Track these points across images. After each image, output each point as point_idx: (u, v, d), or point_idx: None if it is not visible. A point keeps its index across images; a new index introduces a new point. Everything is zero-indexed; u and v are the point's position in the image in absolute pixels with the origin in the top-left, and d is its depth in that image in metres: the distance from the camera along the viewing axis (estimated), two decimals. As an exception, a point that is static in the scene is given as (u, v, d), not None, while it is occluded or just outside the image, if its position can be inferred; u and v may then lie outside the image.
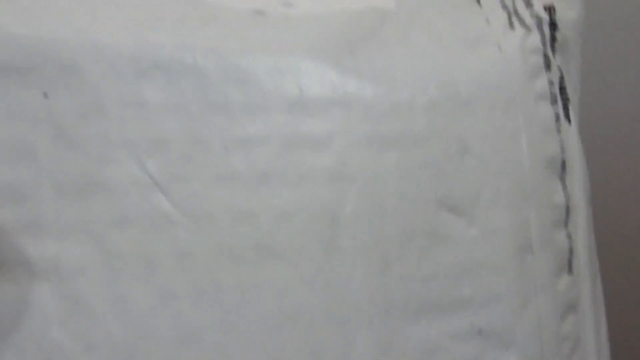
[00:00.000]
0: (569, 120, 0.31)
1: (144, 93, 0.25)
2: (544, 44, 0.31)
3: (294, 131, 0.27)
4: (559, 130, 0.31)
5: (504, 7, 0.31)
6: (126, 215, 0.25)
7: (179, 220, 0.25)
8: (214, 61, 0.26)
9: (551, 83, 0.31)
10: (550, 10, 0.31)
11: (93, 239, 0.25)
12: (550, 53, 0.31)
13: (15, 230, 0.24)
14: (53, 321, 0.24)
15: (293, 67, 0.27)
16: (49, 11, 0.26)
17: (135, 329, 0.25)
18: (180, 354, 0.25)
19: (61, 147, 0.25)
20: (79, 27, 0.26)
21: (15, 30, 0.25)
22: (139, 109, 0.25)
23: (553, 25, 0.31)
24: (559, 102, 0.31)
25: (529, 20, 0.31)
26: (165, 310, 0.25)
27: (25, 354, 0.24)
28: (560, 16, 0.32)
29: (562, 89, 0.31)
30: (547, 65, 0.31)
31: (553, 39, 0.31)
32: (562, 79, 0.31)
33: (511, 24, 0.31)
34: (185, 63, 0.26)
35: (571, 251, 0.31)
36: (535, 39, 0.31)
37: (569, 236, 0.31)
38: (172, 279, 0.25)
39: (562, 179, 0.31)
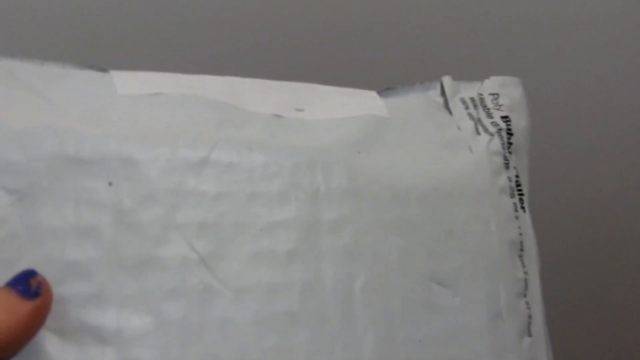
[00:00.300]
0: (524, 210, 0.38)
1: (194, 184, 0.30)
2: (503, 147, 0.38)
3: (316, 217, 0.32)
4: (517, 218, 0.37)
5: (471, 116, 0.38)
6: (178, 288, 0.29)
7: (222, 292, 0.29)
8: (248, 158, 0.31)
9: (510, 179, 0.38)
10: (506, 119, 0.39)
11: (150, 309, 0.28)
12: (508, 155, 0.38)
13: (81, 301, 0.27)
14: (116, 383, 0.27)
15: (315, 163, 0.32)
16: (113, 116, 0.30)
17: None
18: None
19: (122, 229, 0.28)
20: (137, 128, 0.30)
21: (83, 130, 0.29)
22: (189, 197, 0.30)
23: (509, 132, 0.39)
24: (516, 195, 0.38)
25: (491, 128, 0.38)
26: None
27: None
28: (514, 124, 0.39)
29: (518, 184, 0.38)
30: (506, 165, 0.38)
31: (509, 143, 0.38)
32: (517, 176, 0.38)
33: (477, 131, 0.38)
34: (226, 159, 0.31)
35: (530, 317, 0.37)
36: (497, 143, 0.38)
37: (528, 304, 0.37)
38: (217, 344, 0.29)
39: (521, 257, 0.37)
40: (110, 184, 0.29)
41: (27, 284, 0.26)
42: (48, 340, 0.27)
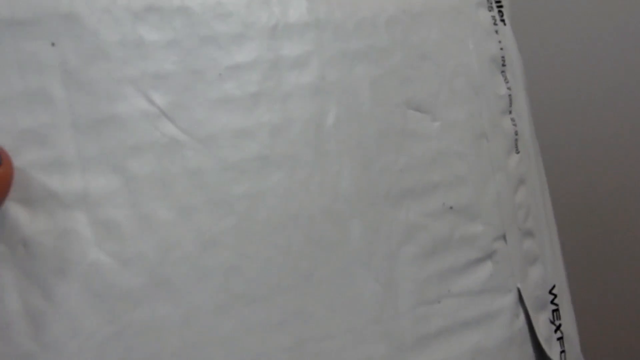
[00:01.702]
0: (504, 22, 0.36)
1: (140, 33, 0.28)
2: (478, -44, 0.35)
3: (276, 55, 0.30)
4: (497, 32, 0.35)
5: None
6: (140, 143, 0.28)
7: (187, 143, 0.29)
8: (198, 0, 0.29)
9: (488, -8, 0.35)
10: None
11: (113, 168, 0.28)
12: (484, -34, 0.35)
13: (41, 169, 0.27)
14: (90, 245, 0.27)
15: None
16: None
17: (161, 242, 0.28)
18: (203, 258, 0.28)
19: (73, 89, 0.27)
20: None
21: None
22: (137, 48, 0.28)
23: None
24: (495, 8, 0.35)
25: None
26: (185, 222, 0.28)
27: (69, 277, 0.27)
28: None
29: (497, -4, 0.36)
30: (483, -23, 0.35)
31: (486, -46, 0.35)
32: (496, -12, 0.36)
33: (449, -59, 0.35)
34: (174, 2, 0.29)
35: (516, 133, 0.36)
36: (470, -48, 0.35)
37: (513, 121, 0.36)
38: (187, 194, 0.28)
39: (503, 72, 0.35)
40: (53, 44, 0.27)
41: None
42: (16, 212, 0.27)
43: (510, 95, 0.36)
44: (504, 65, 0.35)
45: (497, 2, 0.35)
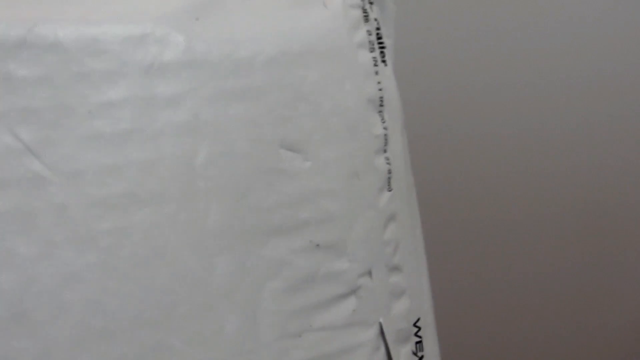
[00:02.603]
0: (385, 63, 0.37)
1: (11, 69, 0.28)
2: (362, -1, 0.36)
3: (150, 93, 0.30)
4: (377, 73, 0.36)
5: (324, -31, 0.36)
6: (4, 179, 0.28)
7: (52, 179, 0.29)
8: (73, 35, 0.29)
9: (369, 33, 0.36)
10: (366, -32, 0.36)
11: (-23, 202, 0.28)
12: (368, 6, 0.36)
13: None
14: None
15: (145, 35, 0.30)
16: None
17: (22, 276, 0.28)
18: (63, 293, 0.29)
19: None
20: None
21: None
22: (5, 83, 0.28)
23: (369, -18, 0.36)
24: (377, 49, 0.36)
25: (349, -21, 0.36)
26: (47, 257, 0.29)
27: None
28: (375, -27, 0.36)
29: (379, 37, 0.36)
30: (366, 18, 0.36)
31: (370, -7, 0.36)
32: (378, 29, 0.36)
33: (333, -16, 0.35)
34: (48, 39, 0.29)
35: (390, 171, 0.37)
36: (354, -4, 0.35)
37: (388, 159, 0.37)
38: (51, 230, 0.29)
39: (381, 112, 0.36)
40: None
41: None
42: None
43: (386, 134, 0.37)
44: (381, 105, 0.37)
45: (379, 43, 0.36)
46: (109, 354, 0.29)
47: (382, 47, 0.37)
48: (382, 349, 0.36)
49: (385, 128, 0.37)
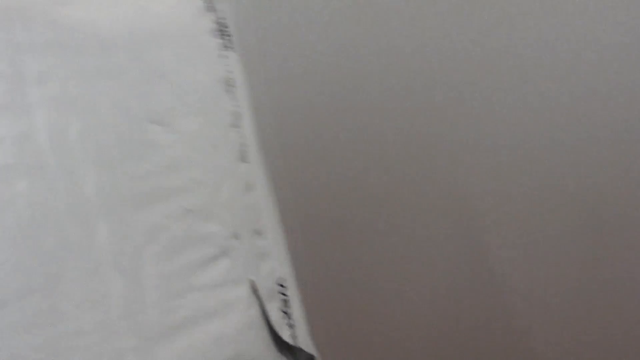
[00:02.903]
0: (232, 49, 0.41)
1: None
2: (206, -9, 0.40)
3: (20, 70, 0.32)
4: (226, 57, 0.40)
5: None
6: None
7: None
8: None
9: (215, 22, 0.40)
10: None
11: None
12: (212, -2, 0.40)
13: None
14: None
15: (13, 19, 0.32)
16: None
17: None
18: None
19: None
20: None
21: None
22: None
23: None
24: (224, 36, 0.40)
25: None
26: None
27: None
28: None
29: (225, 26, 0.41)
30: (210, 7, 0.40)
31: (215, -12, 0.41)
32: (224, 19, 0.41)
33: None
34: None
35: (244, 145, 0.41)
36: (198, -12, 0.40)
37: (241, 135, 0.41)
38: None
39: (232, 92, 0.40)
40: None
41: None
42: None
43: (238, 112, 0.41)
44: (232, 86, 0.41)
45: (225, 32, 0.41)
46: (2, 323, 0.30)
47: (228, 35, 0.41)
48: (256, 305, 0.39)
49: (236, 106, 0.41)
